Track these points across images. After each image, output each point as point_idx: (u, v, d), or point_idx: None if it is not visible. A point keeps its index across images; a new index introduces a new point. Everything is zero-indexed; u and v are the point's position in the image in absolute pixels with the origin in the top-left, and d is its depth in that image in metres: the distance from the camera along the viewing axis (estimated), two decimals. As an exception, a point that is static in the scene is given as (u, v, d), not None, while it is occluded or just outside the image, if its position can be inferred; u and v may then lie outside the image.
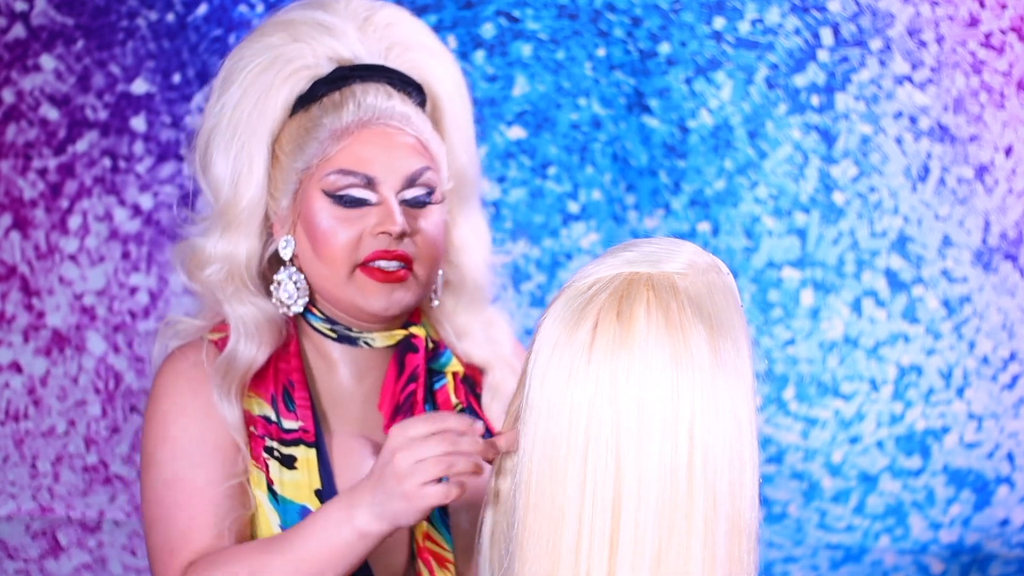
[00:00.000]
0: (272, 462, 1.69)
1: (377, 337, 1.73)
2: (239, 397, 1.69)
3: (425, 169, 1.69)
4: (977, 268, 3.23)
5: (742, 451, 1.21)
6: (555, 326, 1.22)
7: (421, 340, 1.74)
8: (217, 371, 1.68)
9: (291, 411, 1.70)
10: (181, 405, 1.68)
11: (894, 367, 3.23)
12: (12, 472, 3.23)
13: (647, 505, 1.17)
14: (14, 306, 3.23)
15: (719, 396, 1.21)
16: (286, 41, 1.71)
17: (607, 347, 1.19)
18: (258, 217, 1.70)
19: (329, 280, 1.69)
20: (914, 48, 3.23)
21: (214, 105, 1.72)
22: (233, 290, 1.70)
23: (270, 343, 1.71)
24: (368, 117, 1.68)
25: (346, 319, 1.71)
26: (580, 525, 1.17)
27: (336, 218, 1.67)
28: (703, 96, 3.21)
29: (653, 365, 1.19)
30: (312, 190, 1.68)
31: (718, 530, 1.18)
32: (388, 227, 1.66)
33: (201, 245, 1.72)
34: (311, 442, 1.69)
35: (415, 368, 1.72)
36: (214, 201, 1.72)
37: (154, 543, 1.68)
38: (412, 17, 1.79)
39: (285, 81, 1.70)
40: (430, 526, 1.70)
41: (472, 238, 1.78)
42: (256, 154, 1.69)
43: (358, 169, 1.67)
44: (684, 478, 1.18)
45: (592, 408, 1.18)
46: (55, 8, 3.22)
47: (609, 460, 1.17)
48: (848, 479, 3.23)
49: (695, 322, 1.21)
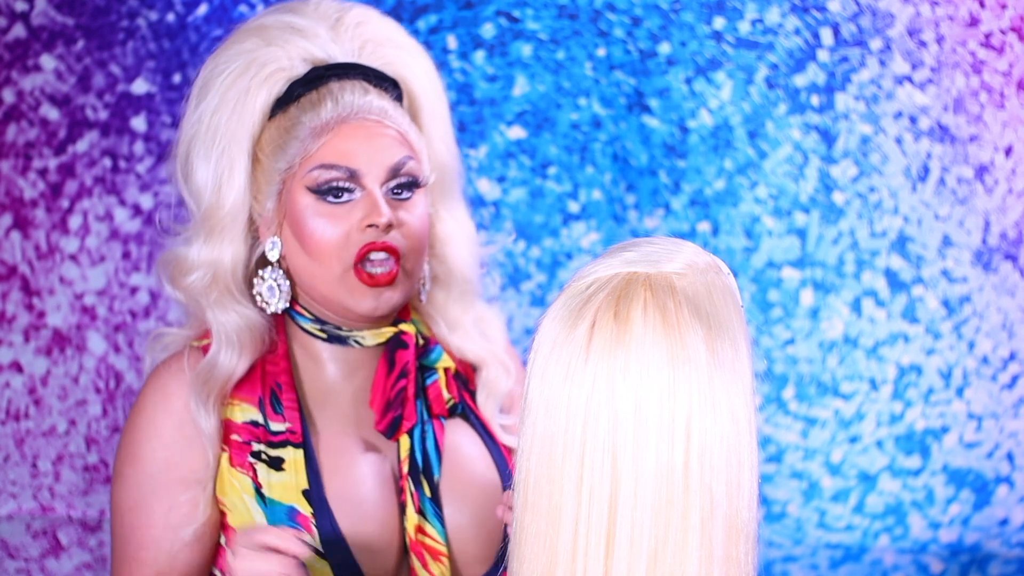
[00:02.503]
0: (260, 465, 1.69)
1: (367, 336, 1.74)
2: (217, 406, 1.69)
3: (407, 159, 1.70)
4: (977, 268, 3.23)
5: (740, 451, 1.21)
6: (554, 325, 1.23)
7: (411, 337, 1.74)
8: (197, 378, 1.69)
9: (278, 413, 1.71)
10: (155, 425, 1.70)
11: (894, 367, 3.23)
12: (13, 471, 3.24)
13: (643, 504, 1.17)
14: (14, 306, 3.23)
15: (716, 395, 1.21)
16: (259, 46, 1.72)
17: (604, 346, 1.19)
18: (241, 221, 1.71)
19: (319, 278, 1.69)
20: (914, 48, 3.23)
21: (192, 114, 1.74)
22: (216, 296, 1.71)
23: (251, 352, 1.71)
24: (347, 113, 1.69)
25: (335, 318, 1.72)
26: (577, 524, 1.17)
27: (322, 215, 1.68)
28: (703, 96, 3.22)
29: (650, 365, 1.19)
30: (296, 189, 1.69)
31: (715, 530, 1.18)
32: (375, 219, 1.66)
33: (184, 253, 1.72)
34: (298, 443, 1.70)
35: (405, 364, 1.72)
36: (196, 208, 1.72)
37: (113, 553, 1.75)
38: (382, 15, 1.81)
39: (262, 85, 1.71)
40: (422, 519, 1.70)
41: (457, 230, 1.80)
42: (237, 159, 1.70)
43: (340, 162, 1.68)
44: (680, 478, 1.18)
45: (589, 407, 1.18)
46: (55, 8, 3.22)
47: (606, 459, 1.18)
48: (848, 479, 3.24)
49: (692, 322, 1.21)
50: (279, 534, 1.51)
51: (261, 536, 1.50)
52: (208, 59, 1.76)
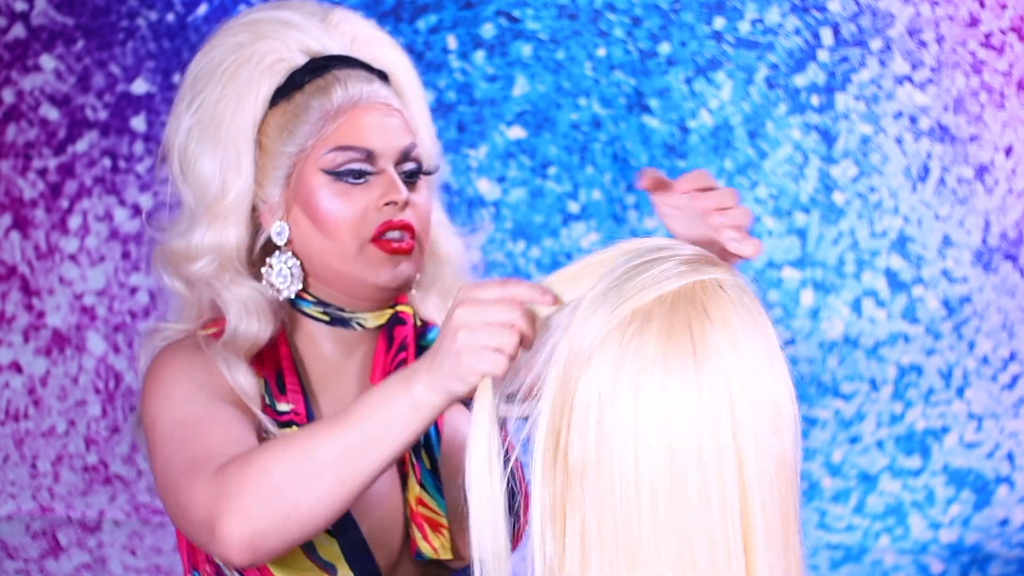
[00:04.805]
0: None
1: (369, 317, 1.76)
2: (248, 367, 1.69)
3: (414, 145, 1.74)
4: (977, 268, 3.23)
5: None
6: (631, 342, 1.19)
7: (409, 315, 1.77)
8: (220, 352, 1.69)
9: (283, 394, 1.72)
10: (183, 368, 1.68)
11: (894, 367, 3.23)
12: (12, 472, 3.23)
13: (772, 505, 1.17)
14: (14, 306, 3.23)
15: (790, 381, 1.23)
16: (255, 39, 1.75)
17: (712, 351, 1.19)
18: (245, 208, 1.73)
19: (336, 257, 1.71)
20: (914, 48, 3.23)
21: (189, 106, 1.75)
22: (230, 278, 1.72)
23: (271, 322, 1.72)
24: (357, 98, 1.72)
25: (340, 299, 1.73)
26: (712, 536, 1.15)
27: (338, 195, 1.70)
28: (703, 96, 3.22)
29: (755, 361, 1.20)
30: (309, 171, 1.71)
31: (798, 512, 1.20)
32: (393, 196, 1.69)
33: (186, 241, 1.73)
34: (303, 423, 1.70)
35: (404, 338, 1.74)
36: (199, 198, 1.73)
37: (171, 476, 1.62)
38: (360, 15, 1.85)
39: (264, 74, 1.74)
40: (423, 491, 1.72)
41: (443, 216, 1.83)
42: (243, 147, 1.72)
43: (357, 144, 1.70)
44: (791, 471, 1.19)
45: (704, 414, 1.17)
46: (55, 8, 3.22)
47: (730, 463, 1.17)
48: (848, 479, 3.24)
49: (765, 314, 1.24)
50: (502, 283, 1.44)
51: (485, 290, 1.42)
52: (198, 53, 1.78)
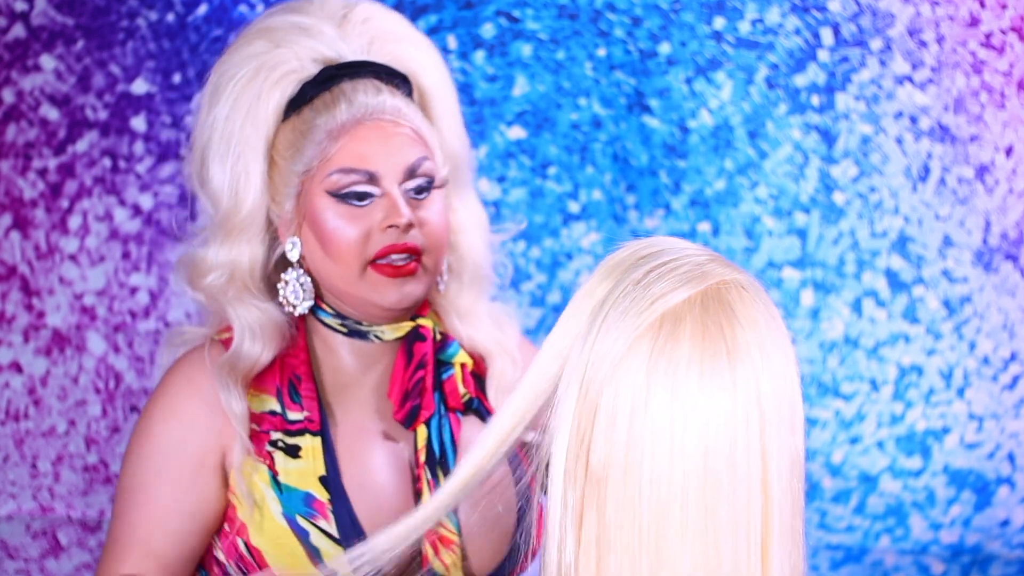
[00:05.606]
0: (277, 453, 1.71)
1: (387, 330, 1.76)
2: (243, 392, 1.70)
3: (423, 159, 1.72)
4: (977, 268, 3.23)
5: None
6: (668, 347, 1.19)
7: (429, 330, 1.76)
8: (221, 367, 1.70)
9: (296, 403, 1.73)
10: (175, 406, 1.70)
11: (894, 367, 3.23)
12: (12, 472, 3.24)
13: (785, 502, 1.18)
14: (14, 306, 3.23)
15: (798, 373, 1.24)
16: (268, 48, 1.74)
17: (745, 351, 1.19)
18: (259, 223, 1.73)
19: (340, 278, 1.71)
20: (914, 48, 3.23)
21: (205, 119, 1.75)
22: (234, 293, 1.73)
23: (274, 344, 1.73)
24: (361, 114, 1.70)
25: (356, 314, 1.73)
26: (736, 535, 1.16)
27: (342, 216, 1.70)
28: (703, 96, 3.22)
29: (778, 358, 1.21)
30: (315, 191, 1.71)
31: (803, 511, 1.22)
32: (395, 220, 1.68)
33: (202, 255, 1.74)
34: (316, 431, 1.71)
35: (423, 355, 1.74)
36: (214, 212, 1.74)
37: (109, 532, 1.74)
38: (388, 9, 1.82)
39: (273, 88, 1.72)
40: None
41: (469, 220, 1.81)
42: (253, 163, 1.72)
43: (359, 166, 1.69)
44: (800, 466, 1.20)
45: (737, 413, 1.18)
46: (55, 8, 3.22)
47: (754, 461, 1.18)
48: (848, 479, 3.23)
49: (777, 310, 1.24)
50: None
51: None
52: (216, 64, 1.77)
